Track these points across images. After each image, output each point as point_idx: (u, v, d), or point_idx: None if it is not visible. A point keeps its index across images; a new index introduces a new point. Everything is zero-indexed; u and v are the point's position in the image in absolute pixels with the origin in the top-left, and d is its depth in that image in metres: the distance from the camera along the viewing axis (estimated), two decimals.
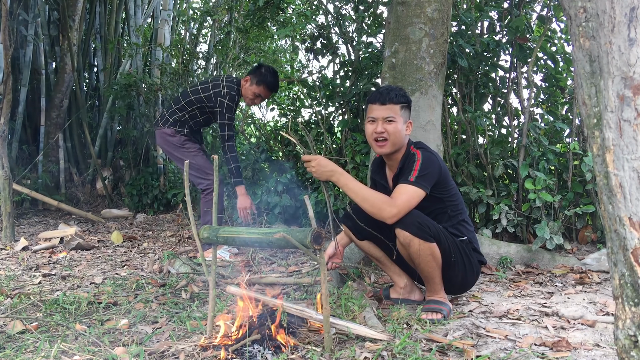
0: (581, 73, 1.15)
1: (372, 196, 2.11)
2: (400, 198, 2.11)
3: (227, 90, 3.45)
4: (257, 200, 4.48)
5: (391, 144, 2.24)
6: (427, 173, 2.15)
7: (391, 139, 2.23)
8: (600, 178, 1.13)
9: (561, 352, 1.74)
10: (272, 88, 3.51)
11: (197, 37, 7.01)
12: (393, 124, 2.22)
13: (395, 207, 2.08)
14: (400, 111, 2.24)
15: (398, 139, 2.24)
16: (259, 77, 3.47)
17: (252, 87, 3.49)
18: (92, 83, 7.10)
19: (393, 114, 2.22)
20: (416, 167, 2.16)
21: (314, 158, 2.09)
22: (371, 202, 2.10)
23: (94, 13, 6.80)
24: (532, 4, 4.06)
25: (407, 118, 2.30)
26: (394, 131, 2.22)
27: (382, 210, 2.08)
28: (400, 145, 2.28)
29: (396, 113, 2.23)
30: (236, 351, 1.70)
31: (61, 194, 6.15)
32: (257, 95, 3.51)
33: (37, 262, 3.34)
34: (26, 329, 2.00)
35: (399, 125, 2.23)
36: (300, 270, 3.05)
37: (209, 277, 1.90)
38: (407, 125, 2.29)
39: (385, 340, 1.80)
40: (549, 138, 3.63)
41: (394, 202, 2.10)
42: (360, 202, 2.11)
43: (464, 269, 2.27)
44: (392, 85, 2.37)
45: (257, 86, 3.48)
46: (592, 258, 3.10)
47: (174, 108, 3.61)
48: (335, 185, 2.40)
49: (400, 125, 2.24)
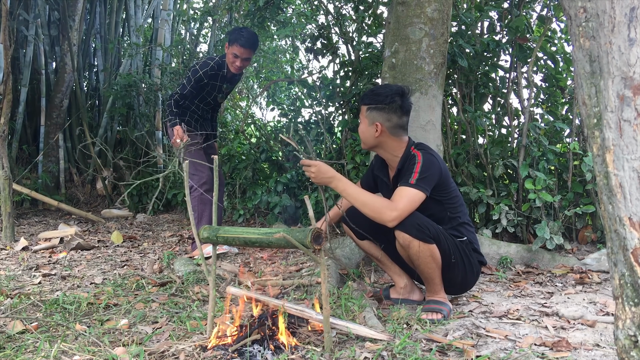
0: (581, 73, 1.15)
1: (371, 200, 2.11)
2: (400, 201, 2.10)
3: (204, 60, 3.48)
4: (257, 200, 4.49)
5: (362, 142, 2.35)
6: (427, 175, 2.15)
7: (360, 137, 2.34)
8: (600, 178, 1.13)
9: (561, 352, 1.74)
10: (245, 43, 3.36)
11: (197, 37, 7.01)
12: (360, 124, 2.32)
13: (396, 211, 2.08)
14: (367, 112, 2.28)
15: (364, 139, 2.32)
16: (229, 37, 3.45)
17: (228, 50, 3.43)
18: (92, 83, 7.10)
19: (361, 115, 2.31)
20: (417, 169, 2.15)
21: (314, 164, 2.10)
22: (371, 207, 2.10)
23: (94, 13, 6.80)
24: (532, 4, 4.06)
25: (375, 120, 2.25)
26: (360, 131, 2.33)
27: (382, 214, 2.09)
28: (370, 145, 2.32)
29: (362, 114, 2.30)
30: (236, 351, 1.70)
31: (61, 194, 6.15)
32: (235, 55, 3.39)
33: (37, 262, 3.34)
34: (26, 329, 2.00)
35: (362, 126, 2.30)
36: (300, 270, 3.05)
37: (209, 277, 1.90)
38: (375, 126, 2.25)
39: (385, 340, 1.80)
40: (549, 138, 3.63)
41: (395, 205, 2.10)
42: (361, 206, 2.11)
43: (463, 270, 2.27)
44: (389, 84, 2.38)
45: (230, 46, 3.40)
46: (592, 258, 3.10)
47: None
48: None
49: (363, 127, 2.29)
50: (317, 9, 4.82)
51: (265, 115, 9.93)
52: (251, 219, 4.87)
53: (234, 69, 3.47)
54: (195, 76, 3.41)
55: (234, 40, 3.37)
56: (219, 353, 1.70)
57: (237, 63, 3.42)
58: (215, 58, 3.47)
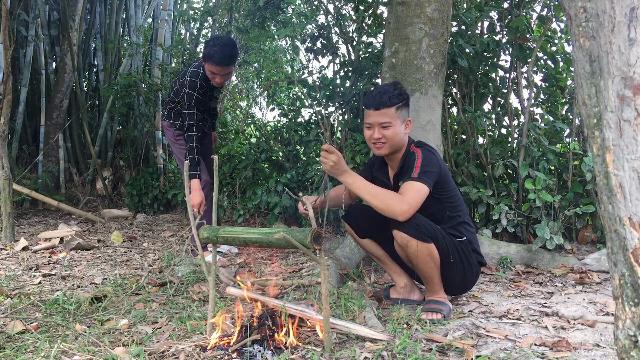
0: (581, 73, 1.15)
1: (381, 193, 2.10)
2: (408, 194, 2.10)
3: (189, 78, 3.24)
4: (257, 200, 4.49)
5: (389, 147, 2.25)
6: (428, 170, 2.16)
7: (389, 142, 2.24)
8: (600, 178, 1.13)
9: (561, 352, 1.74)
10: (219, 61, 3.11)
11: (198, 37, 7.01)
12: (390, 129, 2.22)
13: (406, 204, 2.07)
14: (396, 112, 2.22)
15: (397, 142, 2.25)
16: (203, 52, 3.20)
17: (205, 65, 3.19)
18: (92, 83, 7.10)
19: (389, 119, 2.21)
20: (417, 164, 2.16)
21: (336, 153, 2.07)
22: (381, 199, 2.08)
23: (94, 13, 6.80)
24: (532, 4, 4.06)
25: (406, 116, 2.27)
26: (391, 135, 2.22)
27: (393, 207, 2.07)
28: (400, 146, 2.28)
29: (391, 117, 2.21)
30: (236, 351, 1.70)
31: (61, 194, 6.15)
32: (213, 73, 3.18)
33: (37, 262, 3.34)
34: (26, 329, 2.00)
35: (396, 128, 2.22)
36: (300, 270, 3.05)
37: (208, 277, 1.90)
38: (406, 124, 2.27)
39: (385, 340, 1.80)
40: (549, 138, 3.63)
41: (404, 198, 2.09)
42: (370, 199, 2.10)
43: (463, 270, 2.27)
44: (387, 84, 2.33)
45: (205, 62, 3.17)
46: (592, 258, 3.10)
47: (168, 99, 3.50)
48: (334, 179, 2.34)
49: (397, 128, 2.23)
50: (317, 9, 4.82)
51: (265, 115, 9.92)
52: (251, 219, 4.88)
53: (216, 84, 3.29)
54: (193, 100, 3.23)
55: (209, 58, 3.13)
56: (219, 353, 1.70)
57: (217, 79, 3.23)
58: (200, 73, 3.24)
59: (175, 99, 3.40)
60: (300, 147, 4.84)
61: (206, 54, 3.14)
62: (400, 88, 2.27)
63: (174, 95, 3.41)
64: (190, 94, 3.23)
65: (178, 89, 3.37)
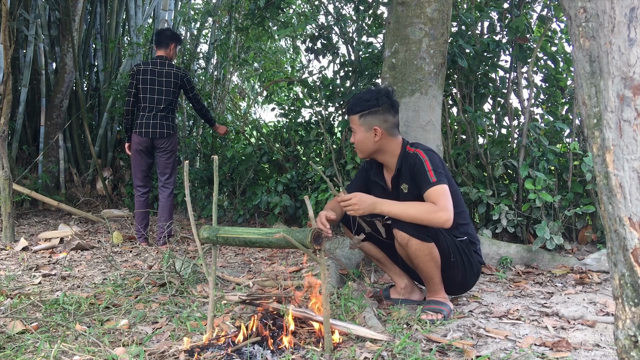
0: (581, 73, 1.15)
1: (418, 210, 2.11)
2: (440, 201, 2.10)
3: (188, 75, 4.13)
4: (257, 200, 4.49)
5: (359, 152, 2.34)
6: (438, 168, 2.18)
7: (357, 148, 2.33)
8: (600, 178, 1.13)
9: (561, 352, 1.74)
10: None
11: (198, 37, 7.01)
12: (356, 135, 2.30)
13: (445, 211, 2.08)
14: (359, 120, 2.26)
15: (364, 147, 2.30)
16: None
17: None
18: (92, 83, 7.10)
19: (353, 125, 2.30)
20: (428, 168, 2.16)
21: (352, 196, 2.10)
22: (421, 217, 2.10)
23: (95, 13, 6.80)
24: (532, 4, 4.06)
25: (372, 125, 2.25)
26: (357, 142, 2.31)
27: (434, 219, 2.09)
28: (370, 152, 2.31)
29: (355, 124, 2.29)
30: (236, 351, 1.70)
31: (61, 194, 6.15)
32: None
33: (37, 263, 3.34)
34: (26, 329, 2.00)
35: (360, 135, 2.28)
36: (300, 270, 3.05)
37: (208, 277, 1.90)
38: (374, 131, 2.25)
39: (385, 341, 1.80)
40: (549, 138, 3.63)
41: (439, 206, 2.09)
42: (412, 220, 2.11)
43: (463, 269, 2.27)
44: (370, 89, 2.37)
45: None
46: (592, 258, 3.10)
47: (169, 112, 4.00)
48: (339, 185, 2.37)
49: (360, 136, 2.28)
50: (317, 9, 4.82)
51: (261, 115, 9.92)
52: (251, 219, 4.87)
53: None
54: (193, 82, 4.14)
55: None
56: (219, 353, 1.70)
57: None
58: (180, 67, 4.25)
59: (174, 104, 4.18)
60: (301, 147, 4.84)
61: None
62: (378, 94, 2.26)
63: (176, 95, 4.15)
64: (190, 79, 4.08)
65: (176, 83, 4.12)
